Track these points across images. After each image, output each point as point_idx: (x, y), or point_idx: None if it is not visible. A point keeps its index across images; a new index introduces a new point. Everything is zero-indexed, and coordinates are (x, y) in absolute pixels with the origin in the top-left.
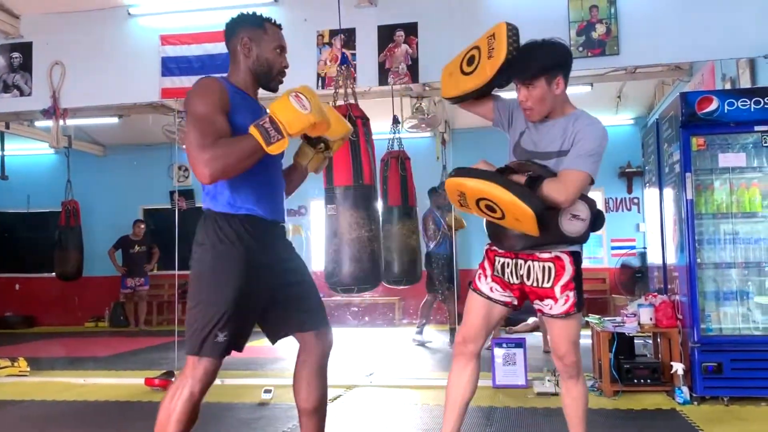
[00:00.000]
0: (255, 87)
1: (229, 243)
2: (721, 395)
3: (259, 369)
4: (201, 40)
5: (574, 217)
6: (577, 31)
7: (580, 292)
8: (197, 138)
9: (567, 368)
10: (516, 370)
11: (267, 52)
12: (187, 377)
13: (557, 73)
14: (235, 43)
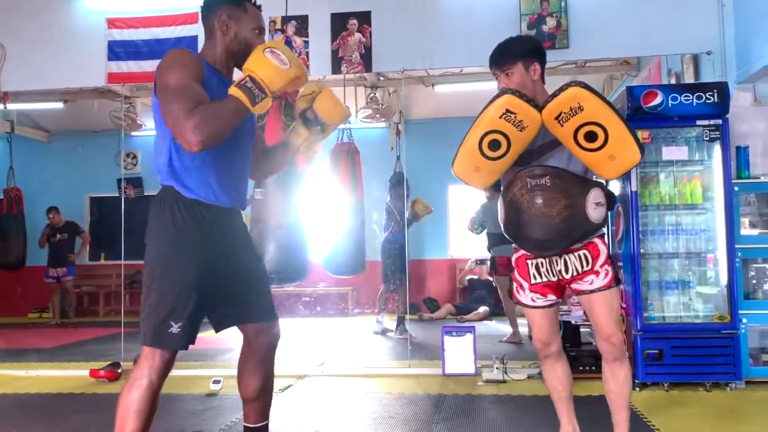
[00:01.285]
0: (229, 66)
1: (184, 229)
2: (662, 381)
3: (208, 360)
4: (149, 23)
5: (598, 204)
6: (528, 24)
7: (616, 269)
8: (180, 107)
9: (613, 348)
10: (465, 359)
11: (245, 32)
12: (144, 368)
13: (533, 59)
14: (213, 19)
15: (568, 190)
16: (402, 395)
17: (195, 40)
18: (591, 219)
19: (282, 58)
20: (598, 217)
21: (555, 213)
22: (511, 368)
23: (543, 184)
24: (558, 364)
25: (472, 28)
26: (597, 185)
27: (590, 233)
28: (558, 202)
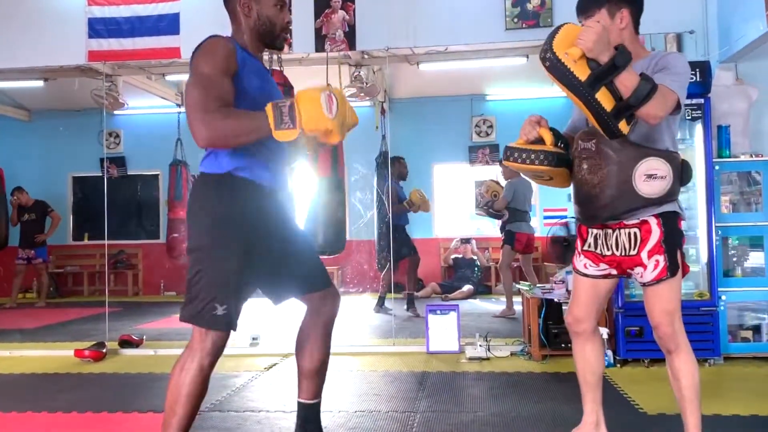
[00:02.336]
0: (260, 47)
1: (227, 210)
2: (642, 357)
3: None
4: (129, 1)
5: (651, 177)
6: (512, 3)
7: (672, 255)
8: (202, 99)
9: (661, 340)
10: (449, 336)
11: (267, 9)
12: (196, 350)
13: (620, 5)
14: (233, 3)
15: (614, 157)
16: (386, 373)
17: (177, 17)
18: (640, 192)
19: (333, 107)
20: (651, 191)
21: (596, 181)
22: (494, 345)
23: (589, 148)
24: (588, 344)
25: (456, 6)
26: (655, 154)
27: (639, 209)
28: (600, 169)
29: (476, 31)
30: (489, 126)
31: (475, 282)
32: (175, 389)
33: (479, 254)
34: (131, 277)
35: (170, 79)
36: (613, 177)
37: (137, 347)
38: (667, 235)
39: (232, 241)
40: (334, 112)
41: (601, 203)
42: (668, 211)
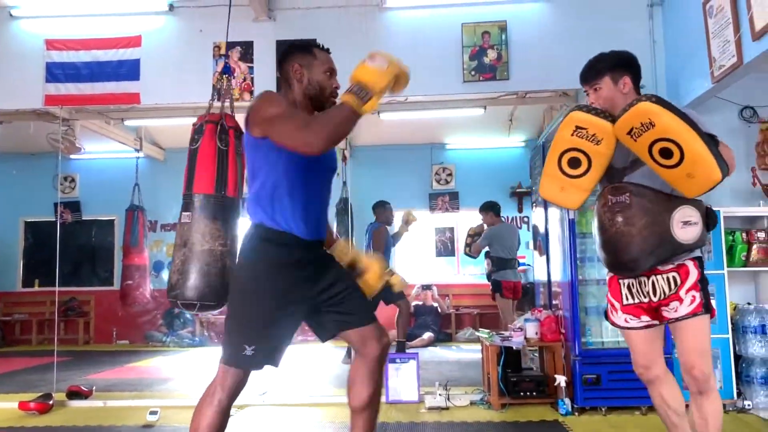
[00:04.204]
0: (309, 108)
1: (269, 259)
2: (599, 405)
3: (145, 390)
4: (90, 46)
5: (686, 224)
6: (470, 56)
7: (706, 295)
8: (292, 124)
9: (695, 381)
10: (408, 386)
11: (317, 75)
12: (216, 385)
13: (622, 72)
14: (287, 69)
15: (650, 208)
16: (345, 424)
17: (137, 63)
18: (678, 238)
19: (380, 62)
20: (687, 237)
21: (635, 232)
22: (454, 394)
23: (623, 201)
24: (663, 388)
25: (416, 58)
26: (686, 203)
27: (678, 253)
28: (639, 220)
29: (435, 83)
30: (449, 174)
31: (435, 329)
32: (197, 419)
33: (440, 301)
34: (82, 325)
35: (129, 124)
36: (652, 226)
37: (86, 399)
38: (702, 277)
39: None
40: (385, 62)
41: (646, 252)
42: (700, 256)
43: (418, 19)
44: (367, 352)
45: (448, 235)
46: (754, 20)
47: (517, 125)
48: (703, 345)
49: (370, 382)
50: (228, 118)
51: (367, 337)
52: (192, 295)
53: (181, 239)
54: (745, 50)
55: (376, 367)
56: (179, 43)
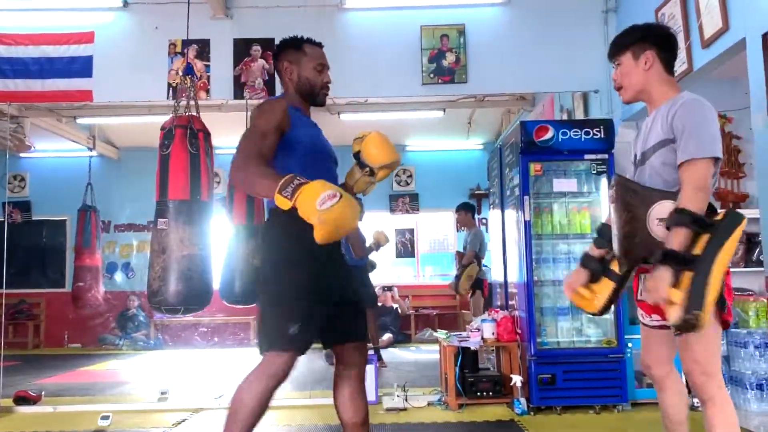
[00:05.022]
0: (305, 104)
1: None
2: (554, 405)
3: (98, 394)
4: (39, 41)
5: (662, 221)
6: (429, 59)
7: None
8: (249, 148)
9: (695, 388)
10: (366, 387)
11: (307, 72)
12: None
13: (645, 47)
14: (280, 68)
15: (630, 203)
16: (301, 427)
17: (89, 60)
18: (654, 236)
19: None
20: (665, 235)
21: (620, 226)
22: (411, 395)
23: (612, 195)
24: (664, 393)
25: (375, 59)
26: (666, 197)
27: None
28: (621, 214)
29: (394, 85)
30: (409, 176)
31: (395, 331)
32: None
33: (400, 302)
34: (32, 329)
35: (82, 122)
36: (634, 221)
37: (35, 404)
38: None
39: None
40: (327, 206)
41: (628, 248)
42: None
43: (377, 21)
44: (355, 364)
45: (408, 236)
46: (703, 28)
47: (475, 128)
48: (696, 354)
49: (363, 395)
50: (195, 120)
51: (357, 351)
52: (175, 301)
53: (159, 245)
54: (695, 57)
55: (363, 378)
56: (134, 40)
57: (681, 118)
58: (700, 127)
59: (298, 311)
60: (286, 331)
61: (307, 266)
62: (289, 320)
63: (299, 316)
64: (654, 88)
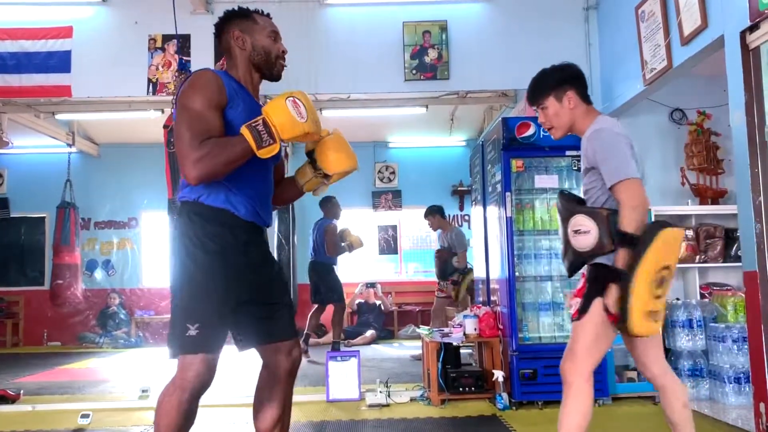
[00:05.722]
0: (256, 79)
1: (207, 239)
2: (536, 399)
3: (76, 392)
4: (17, 36)
5: (577, 232)
6: (411, 55)
7: (586, 300)
8: (188, 136)
9: (562, 374)
10: (349, 384)
11: (261, 40)
12: (173, 384)
13: (565, 88)
14: (227, 39)
15: (562, 213)
16: None
17: (68, 55)
18: (573, 246)
19: (301, 110)
20: (580, 246)
21: (561, 235)
22: (394, 391)
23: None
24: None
25: (357, 55)
26: (580, 211)
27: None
28: (560, 226)
29: (377, 81)
30: (392, 172)
31: (378, 327)
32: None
33: (383, 299)
34: (10, 327)
35: (60, 118)
36: (563, 233)
37: (13, 403)
38: (591, 283)
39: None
40: (305, 114)
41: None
42: (597, 263)
43: (359, 16)
44: (278, 367)
45: (391, 233)
46: (682, 26)
47: (458, 125)
48: (573, 344)
49: (278, 403)
50: None
51: (281, 350)
52: None
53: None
54: (675, 54)
55: (287, 384)
56: (113, 35)
57: (593, 150)
58: (609, 155)
59: (200, 311)
60: (185, 332)
61: (215, 263)
62: (190, 321)
63: (200, 315)
64: (579, 121)
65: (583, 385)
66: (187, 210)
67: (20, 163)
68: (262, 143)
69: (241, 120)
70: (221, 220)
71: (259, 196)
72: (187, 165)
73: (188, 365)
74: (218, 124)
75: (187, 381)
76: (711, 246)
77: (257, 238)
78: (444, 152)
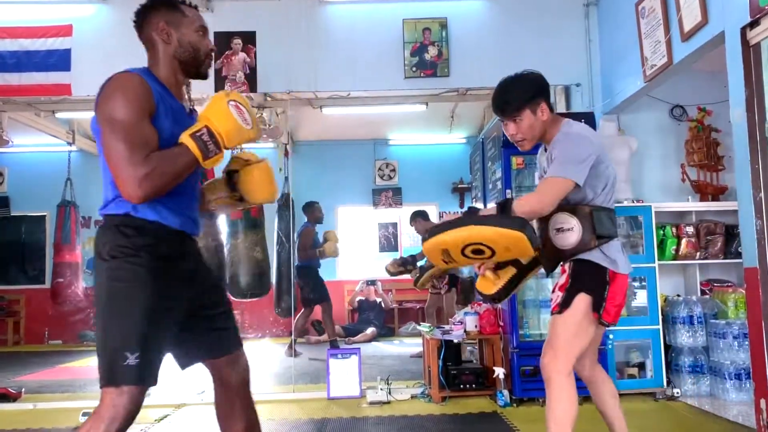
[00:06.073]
0: (179, 78)
1: (136, 252)
2: (537, 396)
3: (77, 390)
4: (16, 34)
5: (559, 230)
6: (411, 52)
7: (569, 295)
8: (126, 152)
9: (541, 369)
10: (350, 381)
11: (189, 35)
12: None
13: (539, 99)
14: (150, 31)
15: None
16: (285, 421)
17: (68, 53)
18: (555, 243)
19: (245, 115)
20: (563, 243)
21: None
22: (395, 388)
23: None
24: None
25: (357, 53)
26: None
27: (561, 258)
28: (538, 225)
29: (377, 79)
30: (392, 170)
31: (379, 324)
32: None
33: (384, 296)
34: (11, 325)
35: (60, 116)
36: (541, 232)
37: (14, 401)
38: (573, 278)
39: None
40: (249, 119)
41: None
42: (580, 259)
43: (358, 14)
44: (230, 379)
45: (392, 230)
46: (682, 22)
47: (458, 122)
48: (554, 339)
49: (242, 414)
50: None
51: (231, 363)
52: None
53: None
54: (675, 50)
55: (245, 395)
56: (113, 33)
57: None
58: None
59: (142, 337)
60: (123, 361)
61: (155, 280)
62: (129, 348)
63: (142, 342)
64: (548, 129)
65: (564, 381)
66: (117, 224)
67: (20, 161)
68: (209, 153)
69: (167, 127)
70: (155, 233)
71: (189, 205)
72: (129, 183)
73: (121, 396)
74: (154, 135)
75: (119, 413)
76: (711, 242)
77: (192, 247)
78: (444, 149)
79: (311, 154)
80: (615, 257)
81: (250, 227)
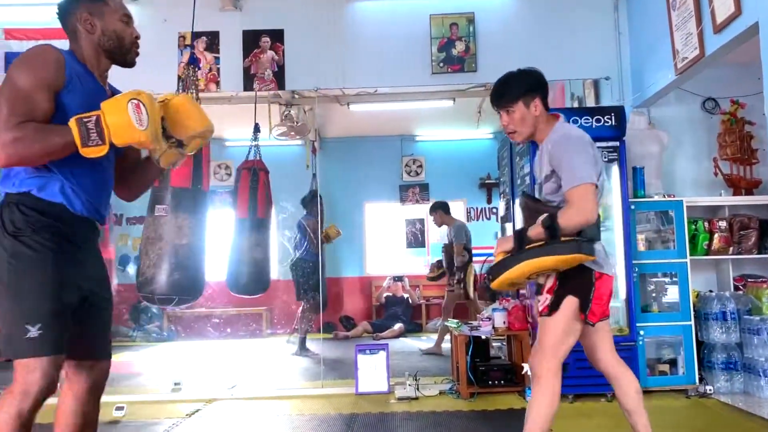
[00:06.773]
0: (104, 64)
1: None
2: (566, 393)
3: (111, 385)
4: (49, 35)
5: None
6: (438, 47)
7: (557, 298)
8: (5, 114)
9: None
10: (378, 377)
11: (113, 24)
12: (10, 392)
13: (534, 95)
14: (73, 21)
15: (526, 215)
16: (314, 416)
17: None
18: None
19: (142, 117)
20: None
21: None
22: (423, 384)
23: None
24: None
25: (384, 49)
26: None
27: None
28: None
29: (404, 75)
30: (419, 166)
31: (406, 320)
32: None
33: (411, 292)
34: None
35: None
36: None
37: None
38: (560, 281)
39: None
40: (145, 122)
41: None
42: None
43: (385, 10)
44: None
45: (419, 226)
46: (715, 13)
47: (485, 117)
48: (543, 338)
49: (77, 419)
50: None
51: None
52: (168, 290)
53: (155, 233)
54: (707, 43)
55: (89, 399)
56: (143, 33)
57: (554, 156)
58: (570, 161)
59: (41, 310)
60: (24, 335)
61: (53, 258)
62: (30, 321)
63: (41, 315)
64: (540, 126)
65: (551, 379)
66: (16, 202)
67: None
68: (89, 142)
69: (75, 105)
70: (56, 214)
71: (97, 190)
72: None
73: (31, 370)
74: (45, 109)
75: (31, 387)
76: (745, 237)
77: (92, 234)
78: (471, 145)
79: (338, 150)
80: (600, 259)
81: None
